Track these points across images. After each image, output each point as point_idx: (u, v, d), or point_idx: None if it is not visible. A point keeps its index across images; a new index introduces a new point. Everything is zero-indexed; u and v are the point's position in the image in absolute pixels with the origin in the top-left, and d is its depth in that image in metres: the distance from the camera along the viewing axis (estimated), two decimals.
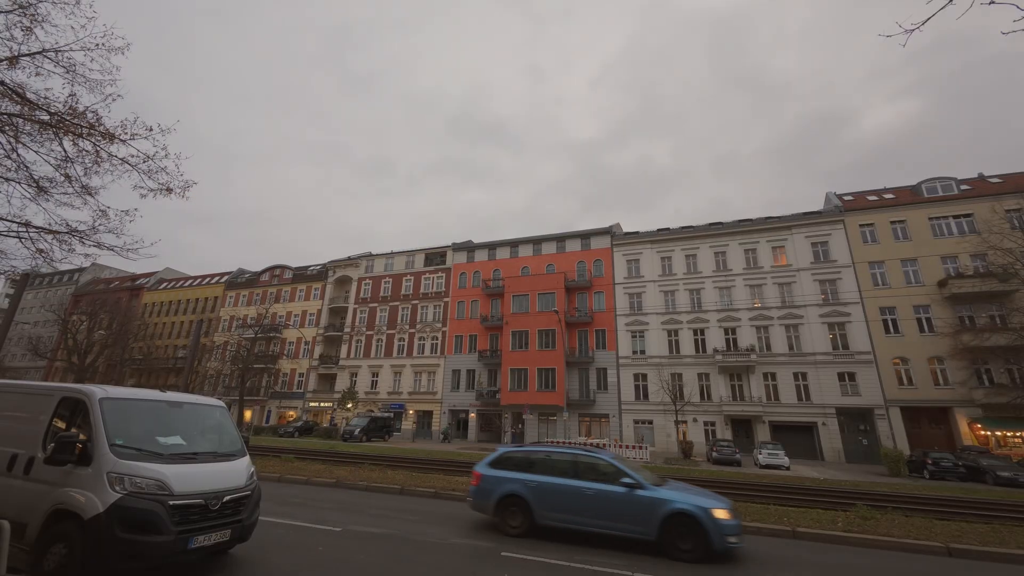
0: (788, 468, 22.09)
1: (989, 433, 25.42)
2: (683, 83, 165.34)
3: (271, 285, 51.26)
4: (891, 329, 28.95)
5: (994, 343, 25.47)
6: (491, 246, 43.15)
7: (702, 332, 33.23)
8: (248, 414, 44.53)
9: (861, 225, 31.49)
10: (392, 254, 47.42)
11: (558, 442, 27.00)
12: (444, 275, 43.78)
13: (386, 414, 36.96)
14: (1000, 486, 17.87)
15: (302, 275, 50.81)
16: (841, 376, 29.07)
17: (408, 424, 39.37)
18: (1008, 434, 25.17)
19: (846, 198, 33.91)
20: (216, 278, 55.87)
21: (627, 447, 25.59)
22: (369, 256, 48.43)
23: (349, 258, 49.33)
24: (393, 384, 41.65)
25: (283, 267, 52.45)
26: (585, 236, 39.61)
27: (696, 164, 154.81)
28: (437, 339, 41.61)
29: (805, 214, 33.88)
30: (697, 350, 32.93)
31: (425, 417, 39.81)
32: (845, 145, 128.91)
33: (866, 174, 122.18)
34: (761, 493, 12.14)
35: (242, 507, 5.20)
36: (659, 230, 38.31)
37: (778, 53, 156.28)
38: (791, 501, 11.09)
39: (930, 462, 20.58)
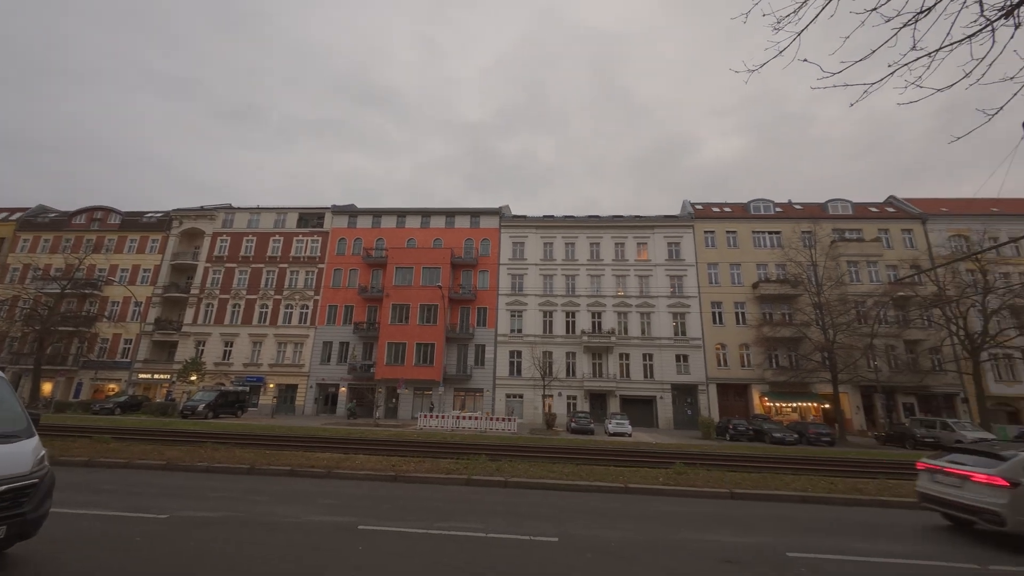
0: (630, 435, 25.57)
1: (772, 404, 32.57)
2: (567, 88, 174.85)
3: (89, 231, 41.67)
4: (717, 320, 34.96)
5: (782, 335, 32.48)
6: (376, 213, 40.84)
7: (573, 315, 36.16)
8: (48, 387, 36.21)
9: (706, 231, 37.06)
10: (258, 209, 41.95)
11: (431, 415, 27.28)
12: (320, 239, 40.27)
13: (240, 388, 33.16)
14: (774, 444, 23.15)
15: (135, 222, 42.20)
16: (678, 357, 34.32)
17: (267, 399, 35.95)
18: (783, 405, 32.57)
19: (697, 207, 39.48)
20: (3, 214, 43.46)
21: (497, 419, 26.98)
22: (229, 209, 42.14)
23: (202, 208, 42.32)
24: (252, 355, 37.47)
25: (107, 209, 42.87)
26: (475, 214, 39.77)
27: (574, 163, 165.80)
28: (308, 308, 38.39)
29: (665, 217, 38.64)
30: (567, 331, 35.80)
31: (288, 391, 36.76)
32: (694, 164, 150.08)
33: (711, 189, 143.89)
34: (605, 457, 13.90)
35: (24, 498, 4.26)
36: (544, 216, 40.22)
37: (645, 80, 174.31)
38: (627, 463, 12.93)
39: (731, 427, 25.71)
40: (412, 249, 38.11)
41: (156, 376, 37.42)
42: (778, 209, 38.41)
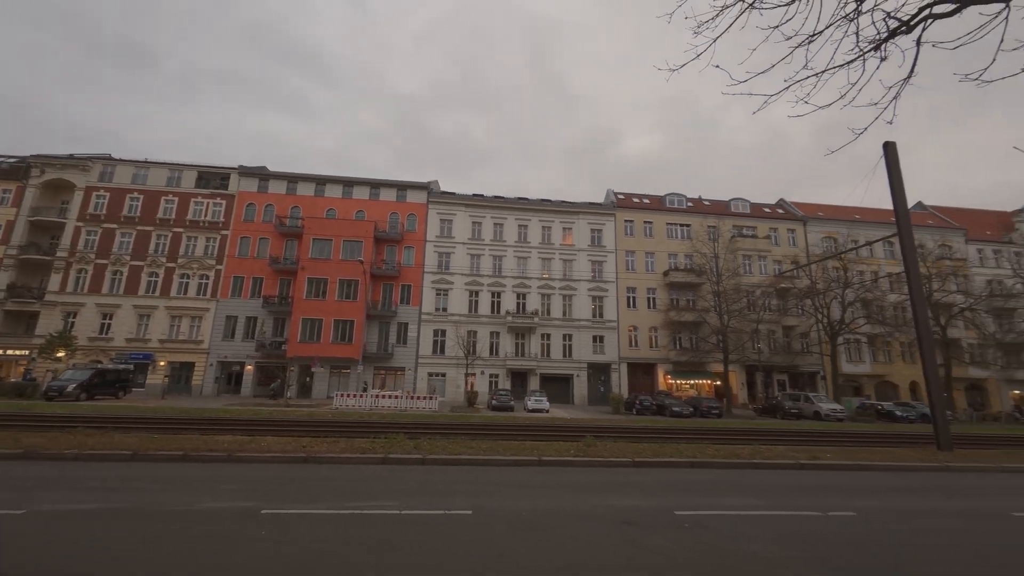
0: (548, 411, 26.81)
1: (674, 381, 35.92)
2: (502, 68, 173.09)
3: None
4: (631, 304, 37.46)
5: (686, 319, 35.74)
6: (291, 179, 37.68)
7: (499, 295, 36.63)
8: None
9: (626, 221, 39.19)
10: (147, 164, 36.71)
11: (348, 394, 26.34)
12: (225, 202, 36.36)
13: (123, 366, 29.32)
14: (673, 417, 25.63)
15: None
16: (594, 338, 36.36)
17: (157, 378, 32.29)
18: (683, 382, 36.08)
19: (619, 196, 41.51)
20: None
21: (419, 398, 26.79)
22: (108, 160, 36.37)
23: (73, 157, 36.06)
24: (138, 329, 33.29)
25: None
26: (402, 188, 38.28)
27: (507, 146, 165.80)
28: (208, 278, 34.77)
29: (590, 204, 40.17)
30: (493, 311, 36.24)
31: (183, 370, 33.32)
32: (618, 155, 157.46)
33: (632, 180, 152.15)
34: (522, 432, 14.47)
35: None
36: (474, 195, 39.84)
37: (579, 70, 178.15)
38: (543, 437, 13.58)
39: (637, 403, 27.99)
40: (332, 220, 35.82)
41: (10, 352, 31.78)
42: (689, 204, 41.69)
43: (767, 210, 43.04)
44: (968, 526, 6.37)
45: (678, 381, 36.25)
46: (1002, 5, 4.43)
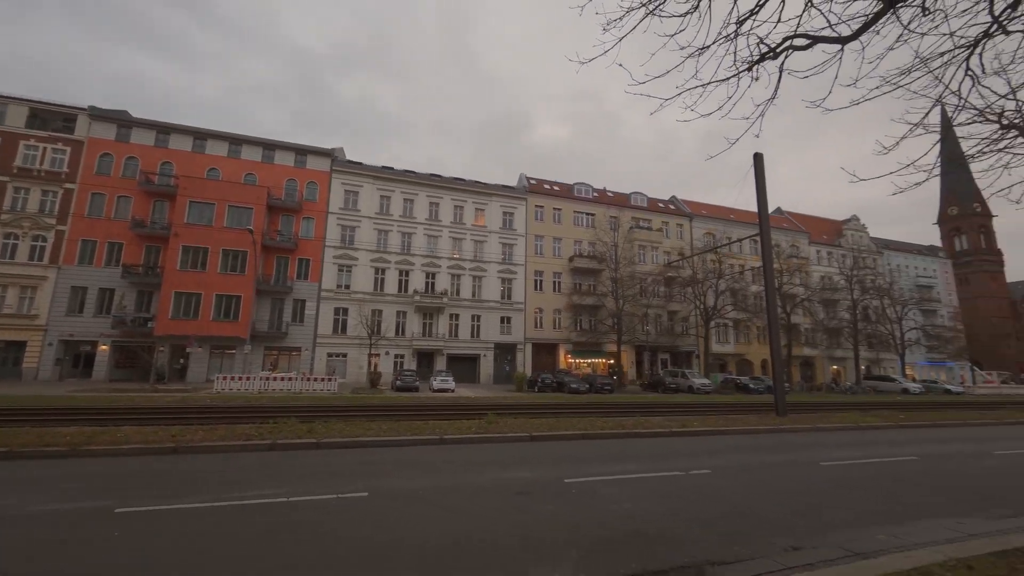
0: (454, 391, 27.00)
1: (573, 360, 38.32)
2: (414, 35, 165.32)
3: None
4: (539, 287, 38.89)
5: (587, 302, 38.16)
6: (162, 128, 32.36)
7: (407, 273, 35.60)
8: None
9: (537, 205, 40.24)
10: None
11: (232, 377, 23.89)
12: (70, 150, 30.16)
13: None
14: (571, 393, 27.40)
15: None
16: (502, 319, 37.21)
17: None
18: (581, 361, 38.68)
19: (532, 181, 42.40)
20: None
21: (316, 379, 25.24)
22: None
23: None
24: None
25: None
26: (302, 152, 34.95)
27: (418, 120, 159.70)
28: (45, 240, 28.84)
29: (504, 187, 40.48)
30: (400, 289, 35.16)
31: (10, 350, 27.53)
32: (531, 141, 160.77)
33: (545, 165, 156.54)
34: (426, 412, 14.44)
35: None
36: (383, 167, 37.86)
37: (493, 51, 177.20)
38: (446, 416, 13.69)
39: (539, 380, 29.44)
40: (215, 181, 31.56)
41: None
42: (595, 194, 44.09)
43: (661, 205, 47.22)
44: (789, 473, 7.85)
45: (577, 360, 38.78)
46: (839, 47, 5.29)
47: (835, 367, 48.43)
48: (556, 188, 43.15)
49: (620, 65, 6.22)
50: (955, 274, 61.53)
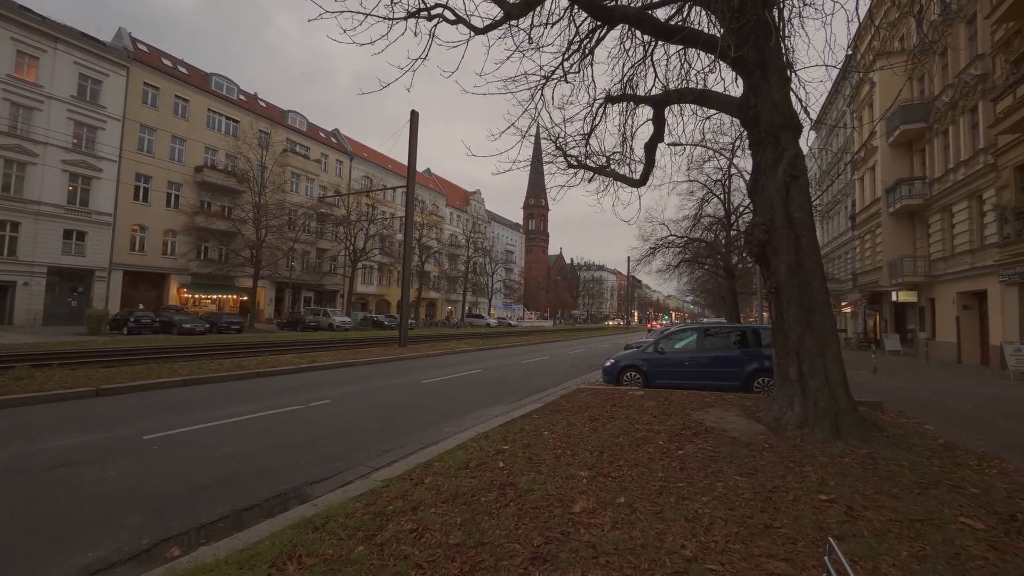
0: None
1: (191, 296, 31.30)
2: None
3: None
4: (141, 197, 28.98)
5: (217, 227, 31.61)
6: None
7: None
8: None
9: (146, 83, 29.22)
10: None
11: None
12: None
13: None
14: (183, 335, 22.32)
15: None
16: (68, 234, 25.72)
17: None
18: (203, 296, 32.14)
19: (141, 46, 30.32)
20: None
21: None
22: None
23: None
24: None
25: None
26: None
27: None
28: None
29: (85, 35, 27.01)
30: None
31: None
32: None
33: (166, 34, 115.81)
34: None
35: None
36: None
37: None
38: None
39: (132, 320, 22.41)
40: None
41: None
42: (242, 97, 36.17)
43: (323, 136, 43.97)
44: (396, 393, 9.30)
45: (197, 295, 31.74)
46: (472, 34, 6.24)
47: (450, 308, 60.87)
48: (184, 71, 32.45)
49: None
50: (525, 245, 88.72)
